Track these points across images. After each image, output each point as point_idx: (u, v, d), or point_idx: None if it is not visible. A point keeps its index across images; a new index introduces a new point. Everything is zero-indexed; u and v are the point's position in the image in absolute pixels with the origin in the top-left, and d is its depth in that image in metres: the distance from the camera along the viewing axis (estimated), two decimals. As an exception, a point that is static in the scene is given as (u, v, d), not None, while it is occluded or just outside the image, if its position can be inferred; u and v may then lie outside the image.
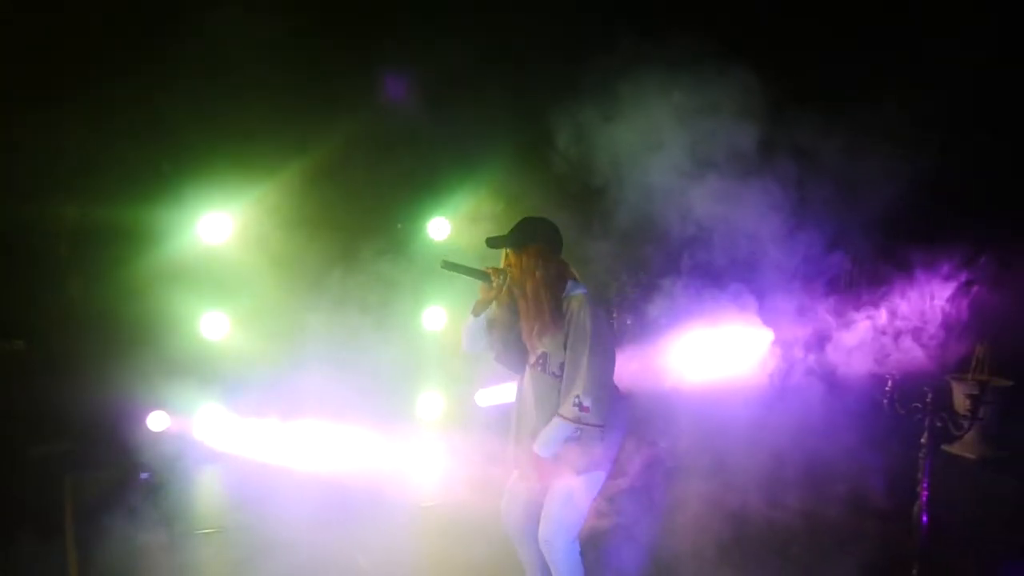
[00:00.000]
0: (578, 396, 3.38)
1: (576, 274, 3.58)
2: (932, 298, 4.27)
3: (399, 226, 6.97)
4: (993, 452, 4.83)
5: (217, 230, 6.26)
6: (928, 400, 4.06)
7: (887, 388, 4.07)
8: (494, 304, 3.59)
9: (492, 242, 3.58)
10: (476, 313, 3.56)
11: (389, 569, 4.66)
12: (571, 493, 3.54)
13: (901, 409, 4.10)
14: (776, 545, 4.71)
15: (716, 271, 4.63)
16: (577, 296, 3.48)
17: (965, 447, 4.89)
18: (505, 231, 3.61)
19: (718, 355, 4.95)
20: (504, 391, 6.63)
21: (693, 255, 4.75)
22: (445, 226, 6.99)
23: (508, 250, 3.52)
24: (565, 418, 3.41)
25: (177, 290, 6.12)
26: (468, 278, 3.61)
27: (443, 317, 7.02)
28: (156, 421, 5.99)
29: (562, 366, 3.43)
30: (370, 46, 6.63)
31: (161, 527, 5.05)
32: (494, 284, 3.49)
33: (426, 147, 6.87)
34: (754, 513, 4.77)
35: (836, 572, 4.47)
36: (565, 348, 3.41)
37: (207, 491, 5.94)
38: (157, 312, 6.06)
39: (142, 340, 5.96)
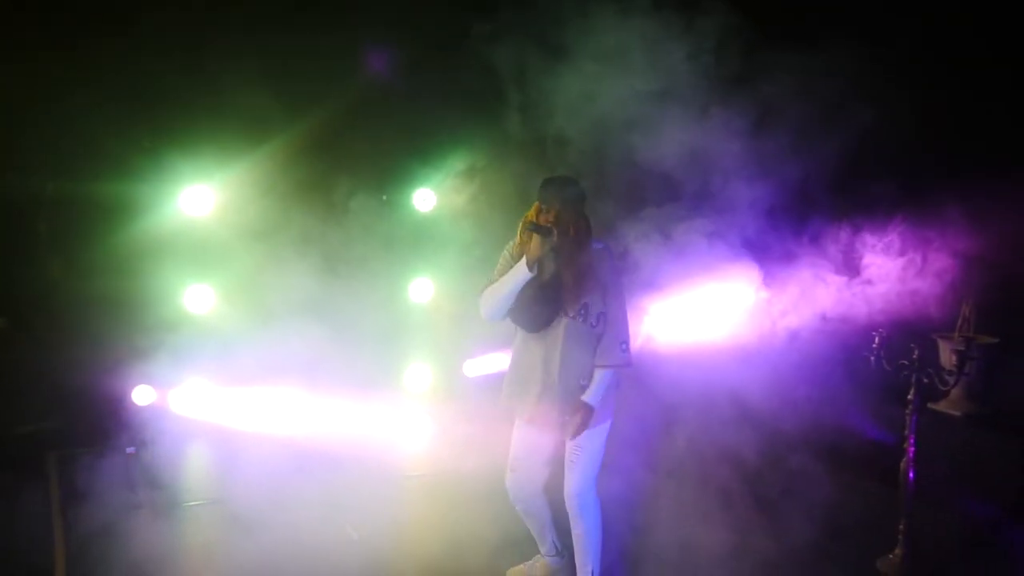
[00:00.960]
0: (624, 343, 3.68)
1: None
2: (916, 253, 4.27)
3: (383, 198, 6.92)
4: (978, 409, 4.86)
5: (200, 203, 6.20)
6: (915, 357, 4.07)
7: (874, 344, 4.07)
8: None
9: (568, 193, 3.59)
10: (531, 268, 3.56)
11: (379, 540, 4.65)
12: (596, 443, 3.75)
13: (888, 366, 4.11)
14: (762, 501, 4.74)
15: (688, 225, 4.61)
16: (604, 250, 3.73)
17: (951, 404, 4.91)
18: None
19: (699, 315, 4.93)
20: (492, 360, 6.64)
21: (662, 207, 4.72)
22: (431, 197, 6.95)
23: (553, 206, 3.56)
24: (613, 365, 3.66)
25: (160, 264, 6.07)
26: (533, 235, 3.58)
27: (430, 288, 7.00)
28: (141, 395, 5.95)
29: (599, 316, 3.62)
30: (351, 19, 6.57)
31: (148, 501, 5.02)
32: (554, 239, 3.52)
33: (410, 118, 6.82)
34: (739, 470, 4.79)
35: (823, 528, 4.50)
36: (599, 299, 3.62)
37: (193, 464, 5.91)
38: (141, 286, 6.01)
39: (126, 315, 5.92)
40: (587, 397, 3.67)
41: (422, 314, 6.96)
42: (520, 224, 3.66)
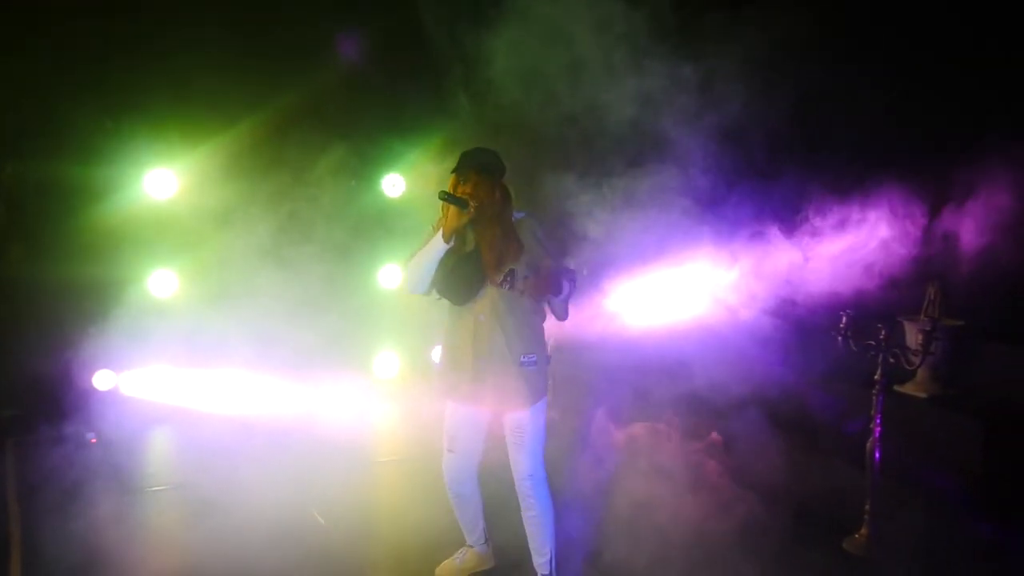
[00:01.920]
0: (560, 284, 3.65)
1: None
2: (886, 231, 4.27)
3: (352, 183, 6.85)
4: (943, 391, 4.89)
5: (163, 186, 6.11)
6: (882, 337, 4.09)
7: (841, 324, 4.09)
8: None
9: (482, 161, 3.55)
10: (448, 239, 3.50)
11: (346, 525, 4.60)
12: (539, 421, 3.68)
13: (855, 346, 4.13)
14: (725, 482, 4.74)
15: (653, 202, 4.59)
16: (527, 218, 3.69)
17: (916, 387, 4.94)
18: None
19: (665, 296, 4.91)
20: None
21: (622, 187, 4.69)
22: (400, 182, 6.90)
23: (470, 178, 3.52)
24: (562, 298, 3.65)
25: (123, 248, 5.98)
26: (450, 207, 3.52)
27: (398, 275, 6.94)
28: (102, 380, 5.85)
29: (525, 280, 3.57)
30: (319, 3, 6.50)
31: (109, 487, 4.92)
32: (470, 209, 3.46)
33: (379, 102, 6.76)
34: (700, 451, 4.80)
35: (788, 509, 4.51)
36: (524, 266, 3.57)
37: (156, 449, 5.83)
38: (103, 271, 5.92)
39: (87, 300, 5.82)
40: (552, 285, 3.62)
41: (391, 300, 6.91)
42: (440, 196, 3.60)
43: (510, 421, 3.68)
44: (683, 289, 4.81)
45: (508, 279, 3.57)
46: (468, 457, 3.82)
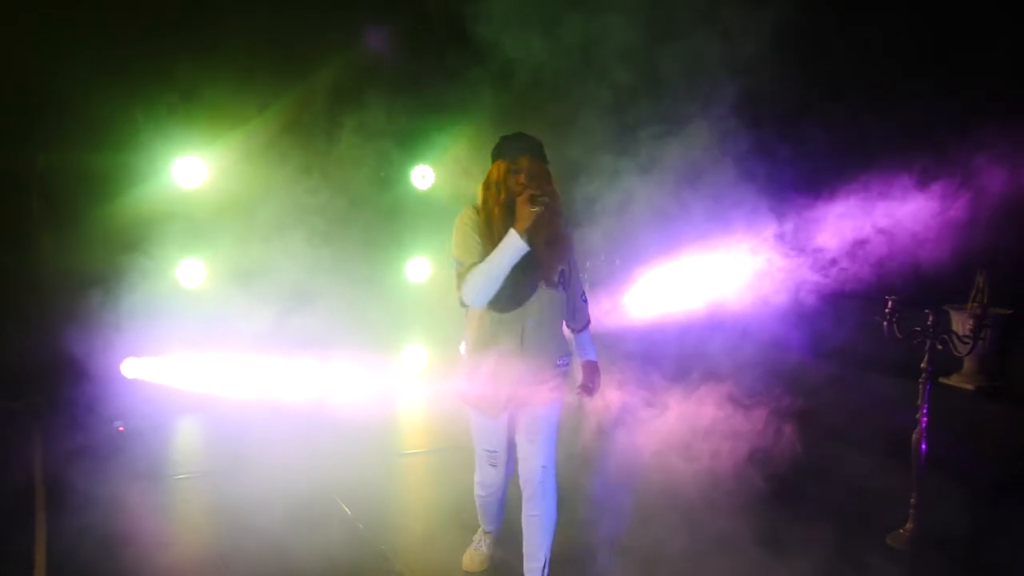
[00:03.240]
0: (584, 296, 3.61)
1: None
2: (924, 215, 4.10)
3: (381, 175, 6.80)
4: (990, 382, 4.71)
5: (191, 175, 6.07)
6: (929, 323, 3.93)
7: (887, 309, 3.93)
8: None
9: (534, 150, 3.23)
10: (524, 238, 3.11)
11: (372, 515, 4.50)
12: (555, 417, 3.46)
13: (900, 333, 3.97)
14: (768, 477, 4.60)
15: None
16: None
17: (963, 378, 4.77)
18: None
19: (706, 282, 4.77)
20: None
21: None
22: (429, 174, 6.83)
23: (523, 166, 3.18)
24: (589, 322, 3.64)
25: (152, 237, 5.94)
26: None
27: (427, 268, 6.86)
28: (129, 368, 5.81)
29: (563, 277, 3.40)
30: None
31: (135, 474, 4.87)
32: (544, 205, 3.11)
33: (409, 93, 6.69)
34: (743, 446, 4.65)
35: (831, 502, 4.36)
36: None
37: (183, 437, 5.77)
38: (131, 260, 5.88)
39: (116, 289, 5.79)
40: (592, 357, 3.61)
41: (419, 293, 6.83)
42: (481, 192, 3.26)
43: (527, 415, 3.40)
44: (720, 274, 4.66)
45: (562, 279, 3.37)
46: (509, 467, 3.61)
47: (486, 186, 3.26)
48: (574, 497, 4.35)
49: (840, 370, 5.00)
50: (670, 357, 5.09)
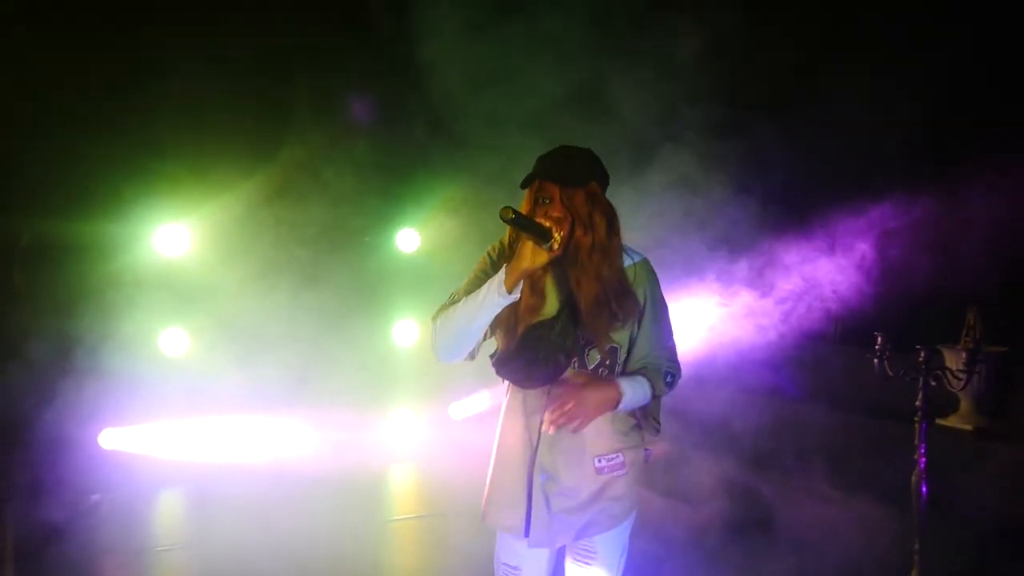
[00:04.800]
0: (671, 373, 2.48)
1: None
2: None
3: (366, 239, 6.79)
4: (989, 423, 4.61)
5: (174, 242, 6.04)
6: (921, 359, 3.85)
7: (876, 345, 3.85)
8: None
9: (570, 173, 2.35)
10: (512, 288, 2.30)
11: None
12: (621, 540, 2.54)
13: (891, 369, 3.88)
14: (764, 528, 4.45)
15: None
16: (644, 263, 2.50)
17: (960, 419, 4.66)
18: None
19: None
20: (478, 400, 6.40)
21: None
22: (414, 237, 6.81)
23: (553, 194, 2.35)
24: (654, 392, 2.45)
25: (134, 306, 5.87)
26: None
27: (414, 331, 6.79)
28: (107, 439, 5.67)
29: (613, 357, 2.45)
30: (333, 60, 6.53)
31: (115, 548, 4.71)
32: (555, 245, 2.28)
33: (392, 156, 6.72)
34: (736, 497, 4.53)
35: (832, 553, 4.21)
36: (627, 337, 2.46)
37: (164, 508, 5.60)
38: (113, 328, 5.80)
39: (97, 357, 5.69)
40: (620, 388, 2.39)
41: (405, 357, 6.74)
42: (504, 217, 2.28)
43: (580, 545, 2.55)
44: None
45: (607, 363, 2.42)
46: None
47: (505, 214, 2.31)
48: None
49: (832, 415, 4.89)
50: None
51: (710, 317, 4.40)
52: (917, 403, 3.90)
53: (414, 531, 5.29)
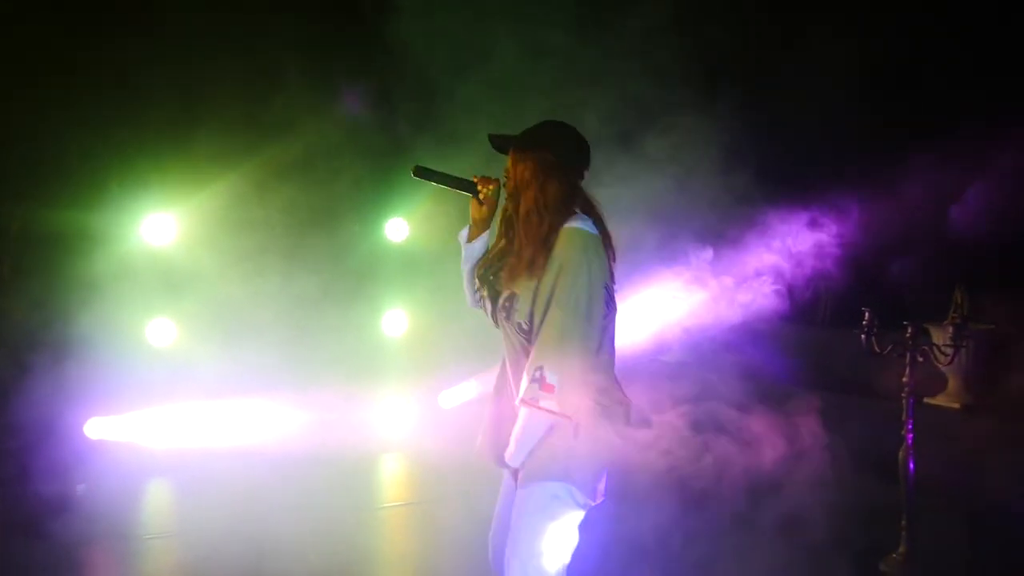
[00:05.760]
0: (541, 368, 2.40)
1: (597, 207, 2.64)
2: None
3: (355, 228, 6.77)
4: (977, 400, 4.62)
5: (162, 232, 6.01)
6: (908, 335, 3.85)
7: (864, 321, 3.85)
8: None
9: (496, 140, 2.66)
10: (471, 238, 2.69)
11: (343, 569, 4.31)
12: (536, 505, 2.48)
13: (879, 345, 3.88)
14: (756, 503, 4.44)
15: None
16: (573, 229, 2.51)
17: (949, 397, 4.68)
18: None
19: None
20: (467, 389, 6.39)
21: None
22: (403, 227, 6.80)
23: (510, 157, 2.63)
24: (528, 403, 2.42)
25: (121, 294, 5.84)
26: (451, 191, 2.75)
27: (403, 320, 6.77)
28: (94, 429, 5.64)
29: (530, 316, 2.49)
30: (322, 51, 6.52)
31: (102, 537, 4.67)
32: (482, 195, 2.66)
33: (381, 148, 6.71)
34: (728, 474, 4.50)
35: (820, 528, 4.19)
36: (533, 294, 2.50)
37: (149, 497, 5.56)
38: (101, 319, 5.77)
39: (85, 348, 5.66)
40: (506, 455, 2.50)
41: (396, 347, 6.73)
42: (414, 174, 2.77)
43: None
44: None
45: (506, 306, 2.57)
46: (502, 551, 2.57)
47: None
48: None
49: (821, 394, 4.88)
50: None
51: (689, 301, 4.40)
52: (904, 379, 3.92)
53: (404, 519, 5.27)
